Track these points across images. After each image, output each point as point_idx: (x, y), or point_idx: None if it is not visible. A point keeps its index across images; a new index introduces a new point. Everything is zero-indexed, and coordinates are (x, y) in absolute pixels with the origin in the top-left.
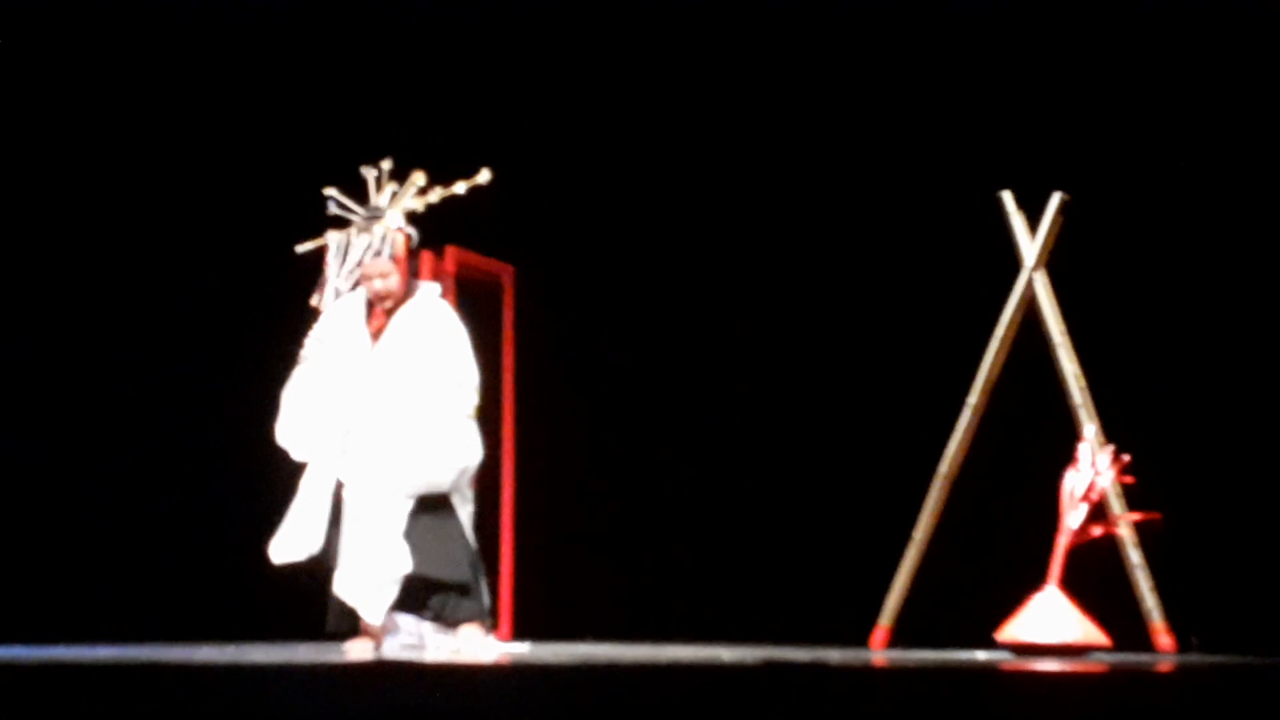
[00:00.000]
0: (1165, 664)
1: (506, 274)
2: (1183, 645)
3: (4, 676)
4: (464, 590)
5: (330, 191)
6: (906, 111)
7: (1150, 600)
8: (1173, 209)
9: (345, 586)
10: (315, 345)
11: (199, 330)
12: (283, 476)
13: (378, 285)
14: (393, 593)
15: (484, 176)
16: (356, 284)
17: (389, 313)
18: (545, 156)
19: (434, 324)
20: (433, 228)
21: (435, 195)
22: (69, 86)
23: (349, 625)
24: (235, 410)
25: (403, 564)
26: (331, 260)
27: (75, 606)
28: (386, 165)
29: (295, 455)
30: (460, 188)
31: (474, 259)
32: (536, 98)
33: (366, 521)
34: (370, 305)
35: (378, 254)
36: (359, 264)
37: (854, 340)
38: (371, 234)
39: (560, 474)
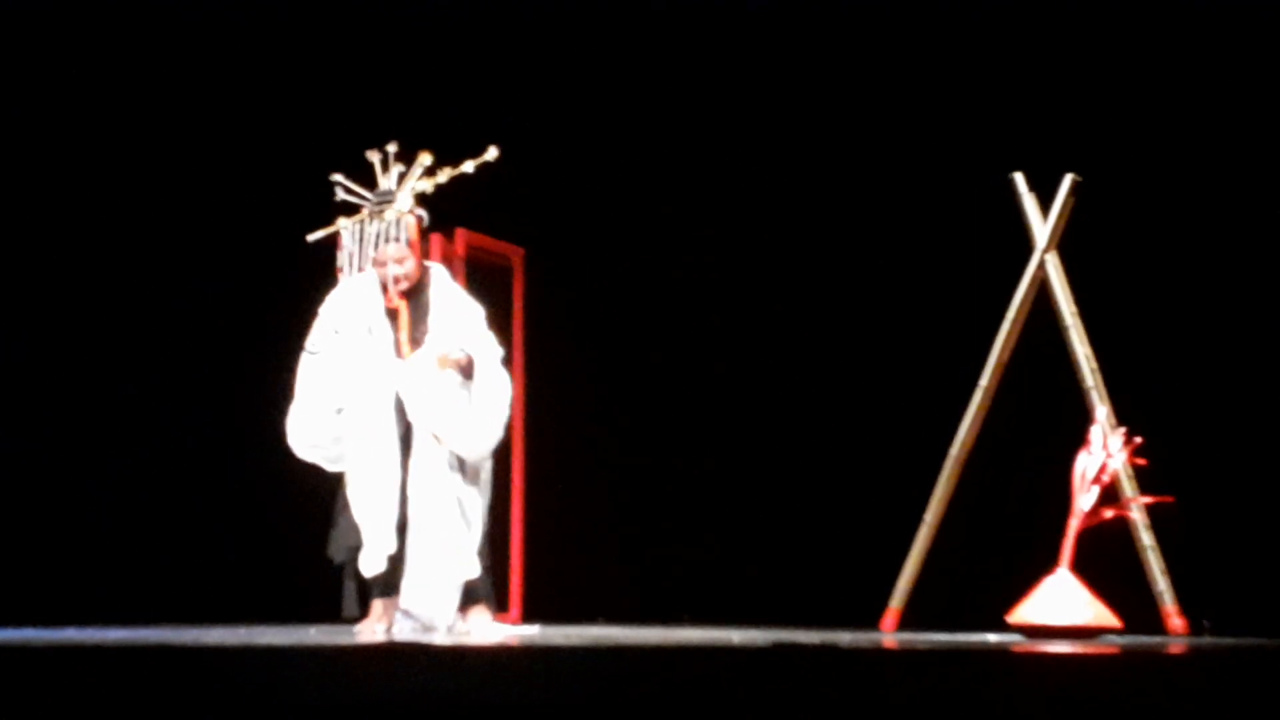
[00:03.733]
0: (1177, 646)
1: (517, 256)
2: (1195, 628)
3: (17, 659)
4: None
5: (337, 177)
6: (919, 94)
7: (1162, 582)
8: (1185, 190)
9: (415, 597)
10: (328, 336)
11: (208, 320)
12: (291, 462)
13: (393, 270)
14: (457, 597)
15: (491, 154)
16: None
17: (405, 295)
18: (555, 139)
19: (455, 309)
20: (443, 210)
21: (444, 176)
22: (67, 85)
23: (362, 611)
24: (248, 395)
25: (470, 569)
26: (345, 248)
27: (87, 589)
28: (392, 148)
29: (329, 467)
30: (469, 166)
31: (484, 241)
32: (548, 81)
33: (432, 529)
34: (385, 290)
35: (393, 240)
36: (374, 250)
37: (866, 322)
38: (384, 219)
39: (570, 456)
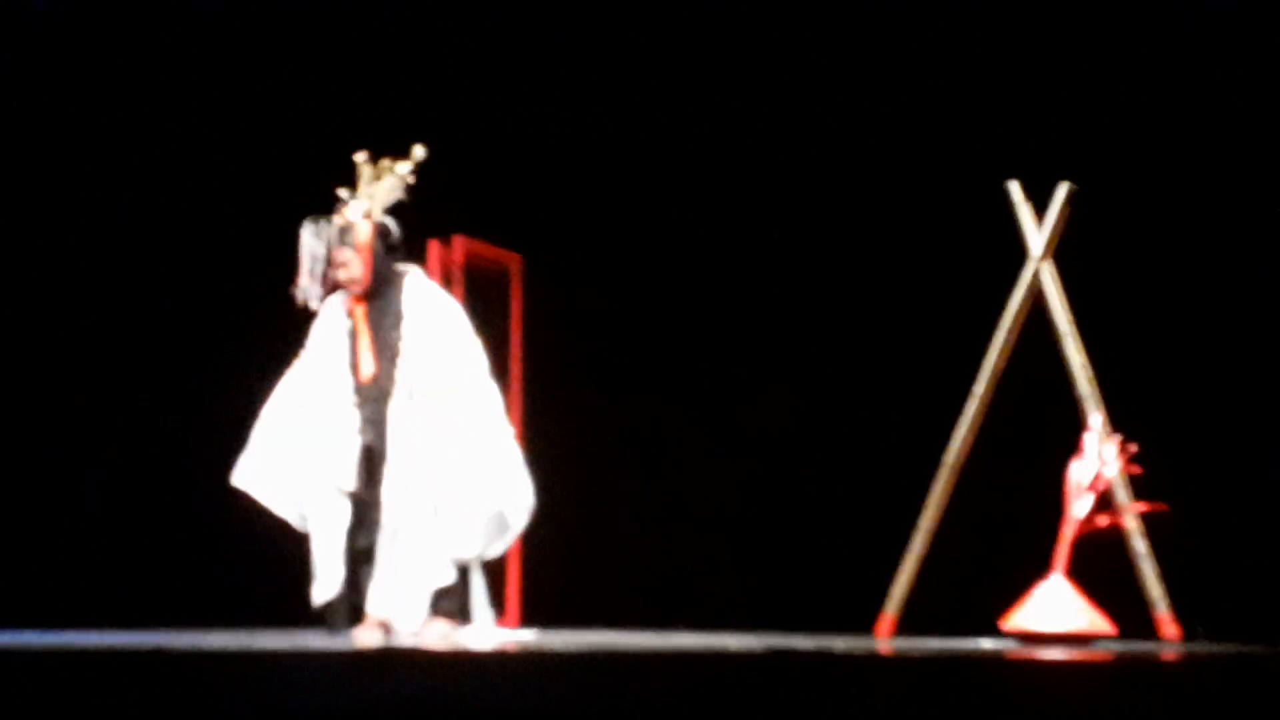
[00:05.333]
0: (1170, 653)
1: (514, 263)
2: (1188, 634)
3: (17, 662)
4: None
5: (343, 193)
6: (915, 102)
7: (1156, 589)
8: (1180, 199)
9: (381, 601)
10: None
11: (210, 321)
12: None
13: (341, 274)
14: (426, 603)
15: (420, 153)
16: (325, 274)
17: (366, 301)
18: (553, 145)
19: (430, 319)
20: (441, 217)
21: (388, 181)
22: (65, 95)
23: (354, 620)
24: (247, 398)
25: (446, 575)
26: (303, 253)
27: (86, 593)
28: (361, 157)
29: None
30: (403, 167)
31: (482, 248)
32: (545, 87)
33: (405, 536)
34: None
35: (340, 244)
36: (325, 254)
37: (861, 329)
38: (333, 224)
39: (567, 462)
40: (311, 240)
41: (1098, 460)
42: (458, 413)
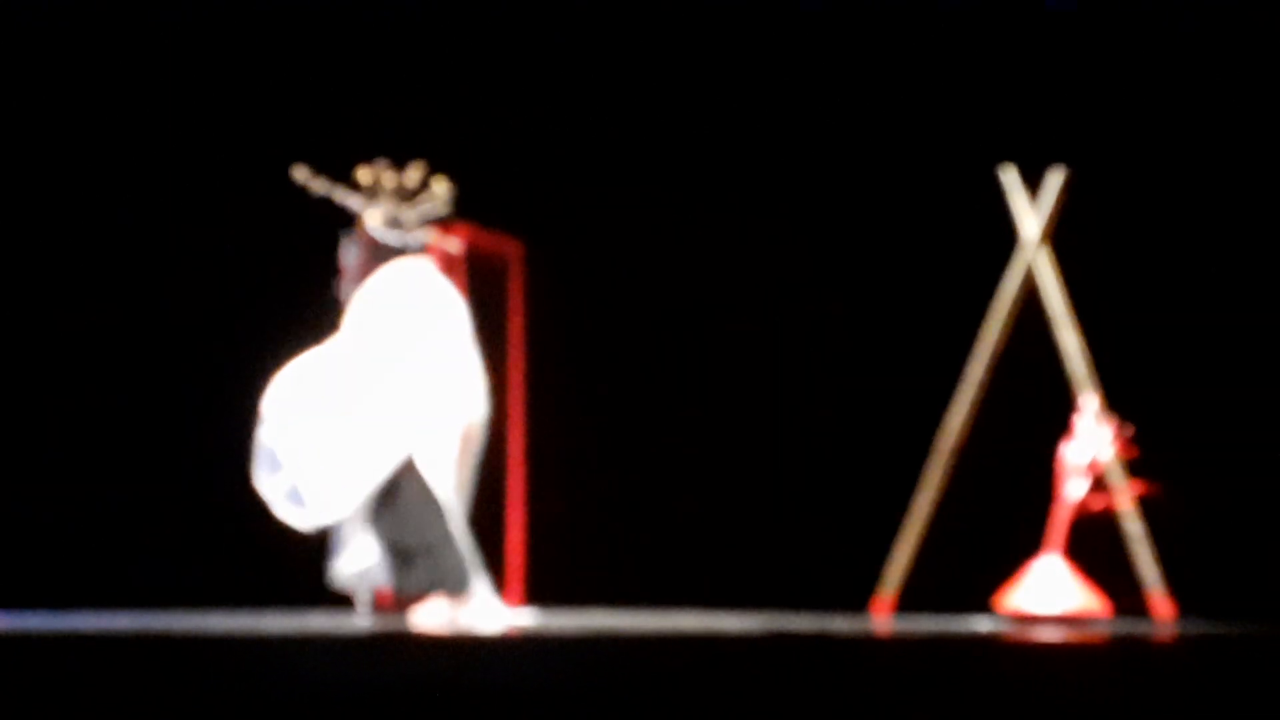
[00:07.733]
0: (1164, 633)
1: (515, 250)
2: (1183, 614)
3: (20, 645)
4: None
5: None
6: (909, 85)
7: (1151, 570)
8: (1173, 183)
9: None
10: None
11: (216, 305)
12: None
13: None
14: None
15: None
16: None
17: None
18: (553, 131)
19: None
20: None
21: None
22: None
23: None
24: (248, 380)
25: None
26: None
27: (89, 575)
28: (365, 172)
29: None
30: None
31: (482, 235)
32: (545, 73)
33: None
34: None
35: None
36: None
37: (859, 312)
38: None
39: (570, 448)
40: (343, 251)
41: (1092, 442)
42: None
